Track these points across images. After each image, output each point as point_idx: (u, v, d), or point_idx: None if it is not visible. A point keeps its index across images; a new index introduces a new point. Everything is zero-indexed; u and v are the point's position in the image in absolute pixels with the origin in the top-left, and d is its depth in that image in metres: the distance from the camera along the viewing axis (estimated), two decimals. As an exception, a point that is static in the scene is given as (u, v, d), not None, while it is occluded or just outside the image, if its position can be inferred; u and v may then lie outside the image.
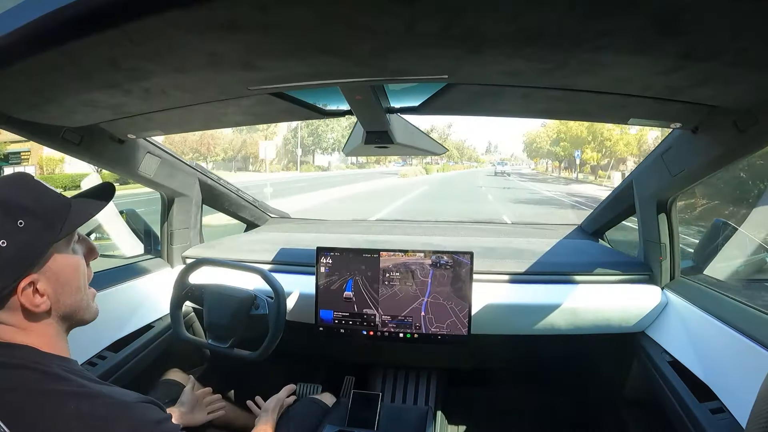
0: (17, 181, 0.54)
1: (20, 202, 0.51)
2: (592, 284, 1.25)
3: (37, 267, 0.52)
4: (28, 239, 0.51)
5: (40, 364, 0.51)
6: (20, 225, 0.50)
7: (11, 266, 0.50)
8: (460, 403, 1.62)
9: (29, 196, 0.53)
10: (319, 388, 1.55)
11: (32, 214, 0.51)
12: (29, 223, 0.51)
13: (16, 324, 0.52)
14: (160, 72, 0.64)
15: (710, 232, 1.22)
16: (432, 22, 0.47)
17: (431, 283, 1.19)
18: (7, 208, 0.50)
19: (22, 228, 0.50)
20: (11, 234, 0.50)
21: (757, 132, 0.76)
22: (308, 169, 38.36)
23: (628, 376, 1.31)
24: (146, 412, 0.53)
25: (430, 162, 45.28)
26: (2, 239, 0.49)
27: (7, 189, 0.52)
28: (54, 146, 0.98)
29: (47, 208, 0.54)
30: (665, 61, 0.57)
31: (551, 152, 40.43)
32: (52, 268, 0.53)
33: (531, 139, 47.58)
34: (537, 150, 46.75)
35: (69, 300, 0.56)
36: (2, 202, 0.51)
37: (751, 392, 0.49)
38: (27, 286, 0.51)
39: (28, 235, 0.51)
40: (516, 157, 78.50)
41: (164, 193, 1.45)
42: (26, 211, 0.51)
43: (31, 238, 0.51)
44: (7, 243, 0.49)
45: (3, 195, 0.51)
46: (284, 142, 40.41)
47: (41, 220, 0.52)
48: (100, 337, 1.15)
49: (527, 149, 50.73)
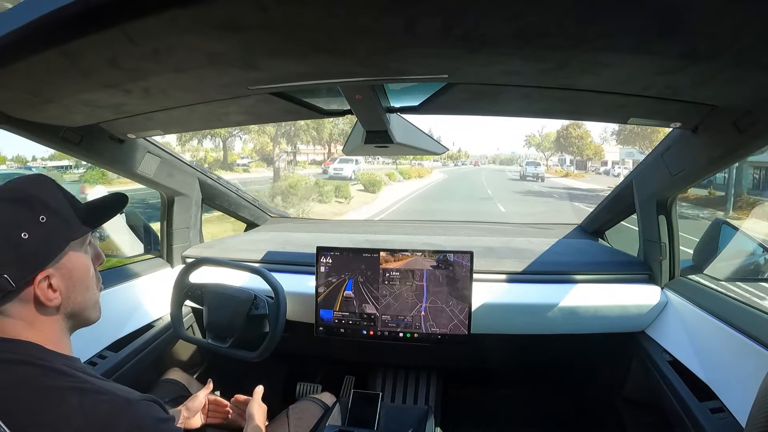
0: (40, 180, 0.57)
1: (43, 200, 0.54)
2: (592, 284, 1.25)
3: (54, 262, 0.54)
4: (48, 234, 0.53)
5: (43, 360, 0.52)
6: (42, 220, 0.53)
7: (31, 258, 0.52)
8: (460, 403, 1.62)
9: (51, 196, 0.56)
10: (319, 388, 1.56)
11: (53, 211, 0.54)
12: (50, 219, 0.54)
13: (25, 318, 0.53)
14: (160, 71, 0.64)
15: (710, 231, 1.22)
16: (432, 21, 0.47)
17: (431, 282, 1.19)
18: (31, 203, 0.53)
19: (43, 223, 0.53)
20: (33, 228, 0.52)
21: (757, 132, 0.76)
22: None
23: (628, 376, 1.31)
24: (149, 410, 0.54)
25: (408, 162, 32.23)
26: (25, 232, 0.51)
27: (31, 186, 0.55)
28: (54, 146, 0.98)
29: (67, 208, 0.56)
30: (665, 61, 0.57)
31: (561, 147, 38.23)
32: (66, 265, 0.56)
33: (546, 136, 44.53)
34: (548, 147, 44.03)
35: (79, 298, 0.58)
36: (27, 197, 0.53)
37: (751, 392, 0.49)
38: (43, 279, 0.53)
39: (48, 231, 0.53)
40: (516, 154, 76.98)
41: (164, 193, 1.45)
42: (48, 208, 0.54)
43: (51, 233, 0.54)
44: (29, 236, 0.51)
45: (27, 191, 0.54)
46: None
47: (61, 218, 0.55)
48: (101, 337, 1.15)
49: (541, 146, 46.72)
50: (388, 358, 1.49)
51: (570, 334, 1.25)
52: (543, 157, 46.47)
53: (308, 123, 21.43)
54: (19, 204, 0.53)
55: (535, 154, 49.67)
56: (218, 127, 1.38)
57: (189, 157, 15.12)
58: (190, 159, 2.57)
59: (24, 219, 0.52)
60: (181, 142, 20.39)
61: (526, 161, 34.32)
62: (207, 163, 22.43)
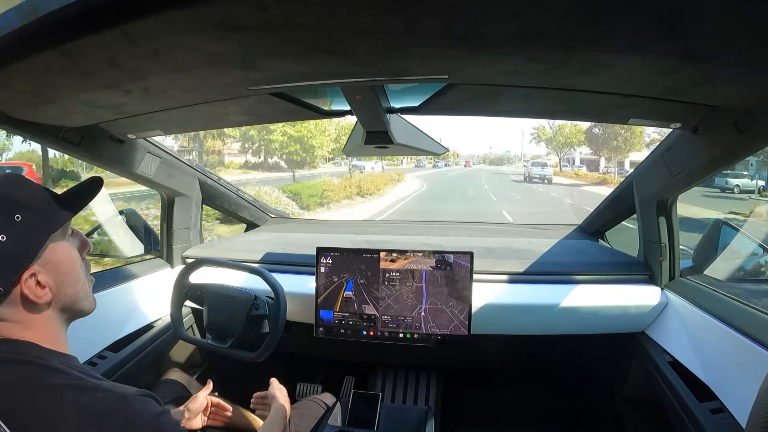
0: (9, 179, 0.55)
1: (15, 198, 0.52)
2: (592, 284, 1.25)
3: (37, 259, 0.53)
4: (26, 232, 0.52)
5: (40, 359, 0.52)
6: (17, 219, 0.51)
7: (12, 260, 0.51)
8: (460, 403, 1.62)
9: (23, 192, 0.54)
10: (319, 388, 1.55)
11: (28, 208, 0.53)
12: (26, 216, 0.52)
13: (18, 319, 0.53)
14: (160, 72, 0.64)
15: (710, 231, 1.22)
16: (432, 22, 0.47)
17: (431, 283, 1.19)
18: (2, 204, 0.51)
19: (19, 222, 0.51)
20: (9, 228, 0.51)
21: (757, 132, 0.76)
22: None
23: (628, 376, 1.31)
24: (145, 406, 0.53)
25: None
26: (1, 234, 0.50)
27: (0, 186, 0.53)
28: (54, 146, 0.99)
29: (41, 201, 0.55)
30: (665, 61, 0.57)
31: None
32: (51, 260, 0.54)
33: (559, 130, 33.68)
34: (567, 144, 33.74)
35: (70, 290, 0.57)
36: None
37: (751, 392, 0.49)
38: (29, 277, 0.52)
39: (25, 229, 0.52)
40: (510, 152, 69.46)
41: (164, 193, 1.45)
42: (22, 206, 0.52)
43: (29, 231, 0.52)
44: (6, 237, 0.50)
45: None
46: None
47: (37, 214, 0.53)
48: (101, 337, 1.15)
49: (553, 141, 35.11)
50: (388, 358, 1.49)
51: (570, 335, 1.25)
52: (553, 155, 37.58)
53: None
54: None
55: (541, 150, 41.73)
56: (218, 128, 1.39)
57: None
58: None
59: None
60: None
61: (532, 161, 30.08)
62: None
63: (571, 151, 35.97)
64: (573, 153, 36.80)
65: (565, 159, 37.62)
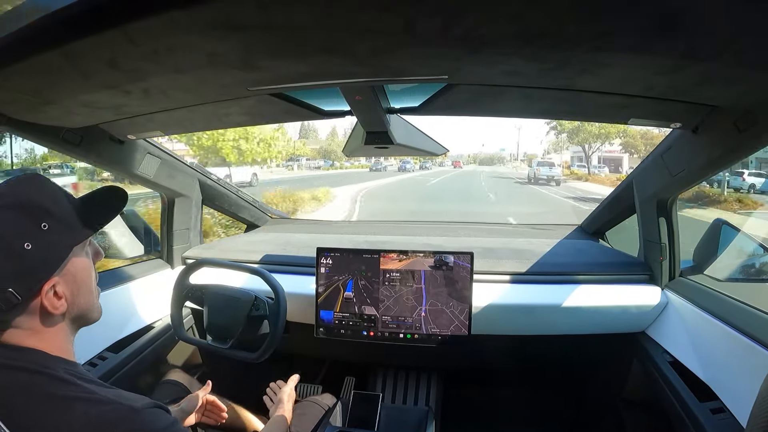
0: (33, 181, 0.54)
1: (41, 204, 0.51)
2: (592, 284, 1.25)
3: (60, 271, 0.52)
4: (52, 242, 0.51)
5: (47, 368, 0.51)
6: (44, 228, 0.50)
7: (37, 269, 0.50)
8: (460, 404, 1.62)
9: (48, 198, 0.53)
10: (319, 389, 1.55)
11: (53, 216, 0.51)
12: (52, 225, 0.51)
13: (31, 327, 0.52)
14: (160, 72, 0.64)
15: (710, 231, 1.22)
16: (432, 21, 0.47)
17: (431, 283, 1.19)
18: (29, 210, 0.50)
19: (46, 231, 0.50)
20: (36, 237, 0.49)
21: (757, 132, 0.76)
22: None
23: (629, 376, 1.31)
24: (155, 419, 0.53)
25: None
26: (27, 242, 0.49)
27: (25, 190, 0.52)
28: (54, 147, 0.99)
29: (65, 210, 0.54)
30: (666, 61, 0.57)
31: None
32: (71, 271, 0.54)
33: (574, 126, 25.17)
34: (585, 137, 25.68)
35: (83, 301, 0.56)
36: (25, 204, 0.50)
37: (752, 392, 0.49)
38: (49, 289, 0.51)
39: (51, 238, 0.51)
40: (505, 151, 62.25)
41: (164, 194, 1.45)
42: (47, 214, 0.51)
43: (54, 241, 0.51)
44: (32, 246, 0.49)
45: (23, 197, 0.51)
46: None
47: (62, 223, 0.52)
48: (101, 338, 1.15)
49: (581, 133, 25.36)
50: (389, 358, 1.49)
51: (570, 335, 1.25)
52: (556, 155, 33.31)
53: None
54: (18, 211, 0.49)
55: (540, 150, 37.19)
56: (219, 128, 1.39)
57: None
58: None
59: (25, 228, 0.49)
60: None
61: (537, 161, 26.55)
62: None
63: (606, 145, 28.46)
64: (602, 148, 29.13)
65: (577, 158, 32.58)
